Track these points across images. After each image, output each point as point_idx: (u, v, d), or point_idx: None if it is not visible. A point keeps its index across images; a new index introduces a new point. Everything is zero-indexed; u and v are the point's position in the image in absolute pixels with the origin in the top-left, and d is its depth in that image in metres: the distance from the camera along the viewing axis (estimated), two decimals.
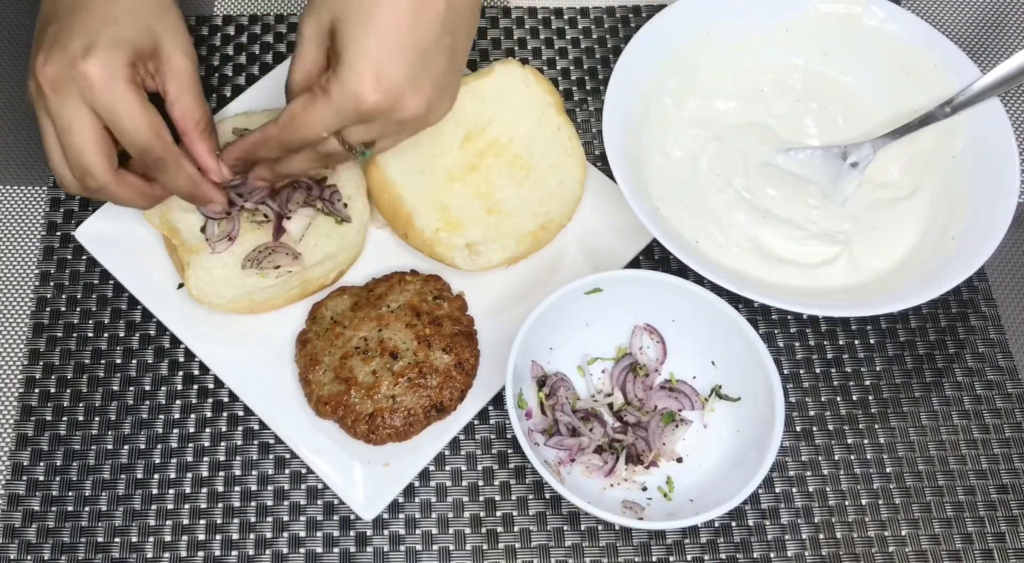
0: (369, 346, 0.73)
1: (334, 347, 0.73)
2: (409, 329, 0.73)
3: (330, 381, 0.72)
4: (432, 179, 0.79)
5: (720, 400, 0.74)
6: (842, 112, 0.86)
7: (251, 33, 0.92)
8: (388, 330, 0.73)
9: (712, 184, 0.82)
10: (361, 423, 0.70)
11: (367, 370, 0.72)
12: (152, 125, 0.66)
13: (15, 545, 0.70)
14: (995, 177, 0.78)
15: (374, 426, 0.70)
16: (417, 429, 0.71)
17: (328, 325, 0.74)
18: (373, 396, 0.71)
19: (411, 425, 0.71)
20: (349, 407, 0.71)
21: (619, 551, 0.71)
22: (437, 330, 0.73)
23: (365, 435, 0.70)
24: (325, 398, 0.71)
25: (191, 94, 0.70)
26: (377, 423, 0.70)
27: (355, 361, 0.72)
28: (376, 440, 0.71)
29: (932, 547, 0.72)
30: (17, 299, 0.79)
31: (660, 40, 0.82)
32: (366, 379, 0.71)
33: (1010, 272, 0.83)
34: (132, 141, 0.66)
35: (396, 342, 0.73)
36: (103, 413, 0.74)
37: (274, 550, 0.70)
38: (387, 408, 0.70)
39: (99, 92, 0.65)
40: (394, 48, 0.63)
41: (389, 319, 0.73)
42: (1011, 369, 0.79)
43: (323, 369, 0.72)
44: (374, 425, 0.70)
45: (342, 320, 0.74)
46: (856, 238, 0.80)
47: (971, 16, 0.96)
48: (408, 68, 0.64)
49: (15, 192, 0.83)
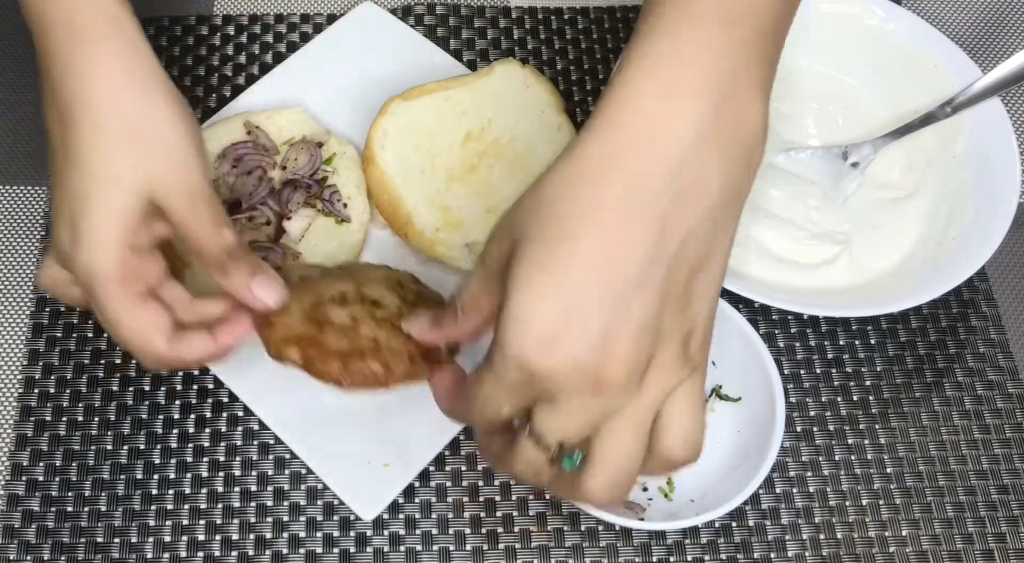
0: (347, 297, 0.62)
1: (305, 294, 0.62)
2: (391, 292, 0.63)
3: (299, 323, 0.60)
4: (432, 179, 0.79)
5: (720, 400, 0.74)
6: (842, 112, 0.86)
7: (251, 33, 0.92)
8: (368, 288, 0.63)
9: None
10: (333, 360, 0.59)
11: (344, 314, 0.60)
12: (142, 334, 0.58)
13: (14, 545, 0.69)
14: (996, 177, 0.77)
15: (348, 366, 0.59)
16: (400, 375, 0.60)
17: (296, 281, 0.64)
18: (350, 335, 0.60)
19: (393, 369, 0.59)
20: (320, 345, 0.59)
21: (619, 551, 0.71)
22: (421, 299, 0.64)
23: (336, 376, 0.59)
24: (292, 338, 0.60)
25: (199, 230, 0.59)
26: (355, 364, 0.59)
27: (330, 306, 0.61)
28: (348, 382, 0.59)
29: (933, 547, 0.72)
30: (16, 299, 0.79)
31: None
32: (343, 321, 0.60)
33: (1011, 272, 0.83)
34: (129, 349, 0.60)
35: (377, 296, 0.62)
36: (102, 413, 0.74)
37: (274, 550, 0.70)
38: (367, 348, 0.59)
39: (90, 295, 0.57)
40: (574, 297, 0.46)
41: (367, 281, 0.64)
42: (1012, 369, 0.79)
43: (290, 312, 0.61)
44: (348, 365, 0.59)
45: (312, 275, 0.65)
46: (856, 238, 0.80)
47: (972, 16, 0.96)
48: (592, 321, 0.46)
49: (15, 192, 0.83)
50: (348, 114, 0.85)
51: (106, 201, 0.56)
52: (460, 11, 0.94)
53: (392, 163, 0.78)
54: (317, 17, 0.93)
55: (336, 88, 0.86)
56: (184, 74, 0.89)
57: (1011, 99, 0.92)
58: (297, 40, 0.91)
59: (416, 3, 0.94)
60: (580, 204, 0.47)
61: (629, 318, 0.46)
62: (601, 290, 0.46)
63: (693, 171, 0.47)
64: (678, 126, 0.47)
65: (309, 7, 0.94)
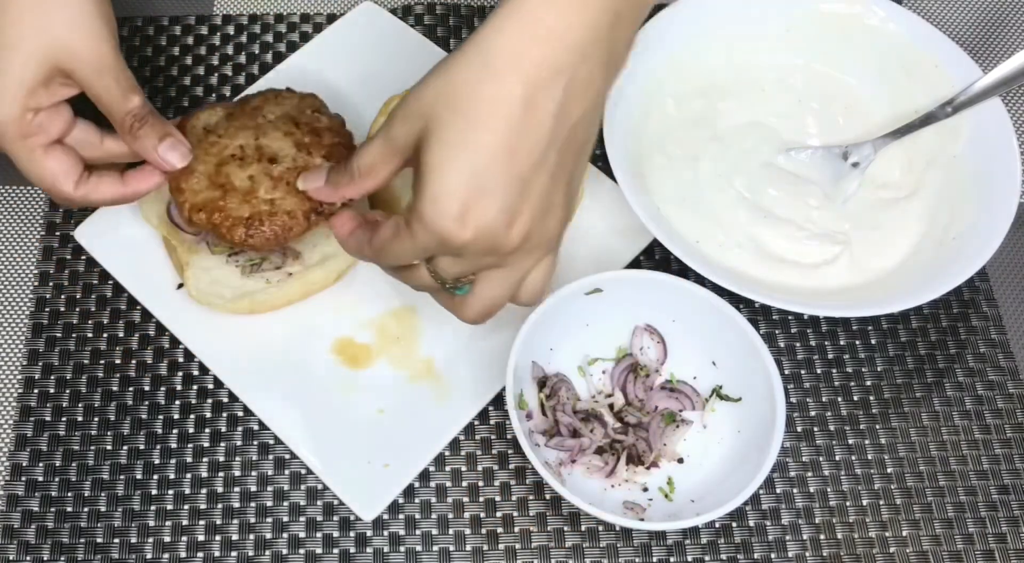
0: (246, 153, 0.70)
1: (208, 155, 0.70)
2: (287, 137, 0.71)
3: (204, 188, 0.69)
4: None
5: (721, 400, 0.74)
6: (842, 112, 0.86)
7: (251, 33, 0.92)
8: (266, 138, 0.71)
9: (713, 184, 0.82)
10: (238, 227, 0.68)
11: (243, 175, 0.69)
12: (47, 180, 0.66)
13: (14, 545, 0.69)
14: (996, 177, 0.77)
15: (251, 230, 0.68)
16: (297, 232, 0.69)
17: (200, 135, 0.71)
18: (250, 200, 0.68)
19: (290, 229, 0.68)
20: (225, 213, 0.68)
21: (619, 552, 0.71)
22: (316, 140, 0.71)
23: (242, 240, 0.68)
24: (199, 205, 0.69)
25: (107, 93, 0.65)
26: (255, 227, 0.68)
27: (231, 168, 0.69)
28: (255, 244, 0.68)
29: (933, 547, 0.72)
30: (16, 299, 0.79)
31: (660, 40, 0.82)
32: (243, 184, 0.69)
33: (1011, 272, 0.83)
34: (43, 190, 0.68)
35: (274, 149, 0.70)
36: (102, 413, 0.74)
37: (274, 551, 0.70)
38: (265, 212, 0.68)
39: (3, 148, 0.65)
40: (486, 179, 0.55)
41: (266, 128, 0.71)
42: (1012, 369, 0.79)
43: (196, 177, 0.69)
44: (252, 229, 0.68)
45: (216, 129, 0.72)
46: (857, 238, 0.80)
47: (972, 16, 0.96)
48: (501, 201, 0.55)
49: (15, 192, 0.83)
50: (348, 114, 0.85)
51: (8, 65, 0.63)
52: (460, 11, 0.94)
53: None
54: (317, 17, 0.93)
55: (336, 88, 0.86)
56: (184, 74, 0.89)
57: (1011, 99, 0.92)
58: (297, 40, 0.91)
59: (416, 3, 0.94)
60: (488, 95, 0.54)
61: (529, 196, 0.56)
62: (508, 172, 0.55)
63: (586, 69, 0.55)
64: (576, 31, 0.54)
65: (309, 7, 0.94)
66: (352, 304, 0.78)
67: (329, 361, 0.75)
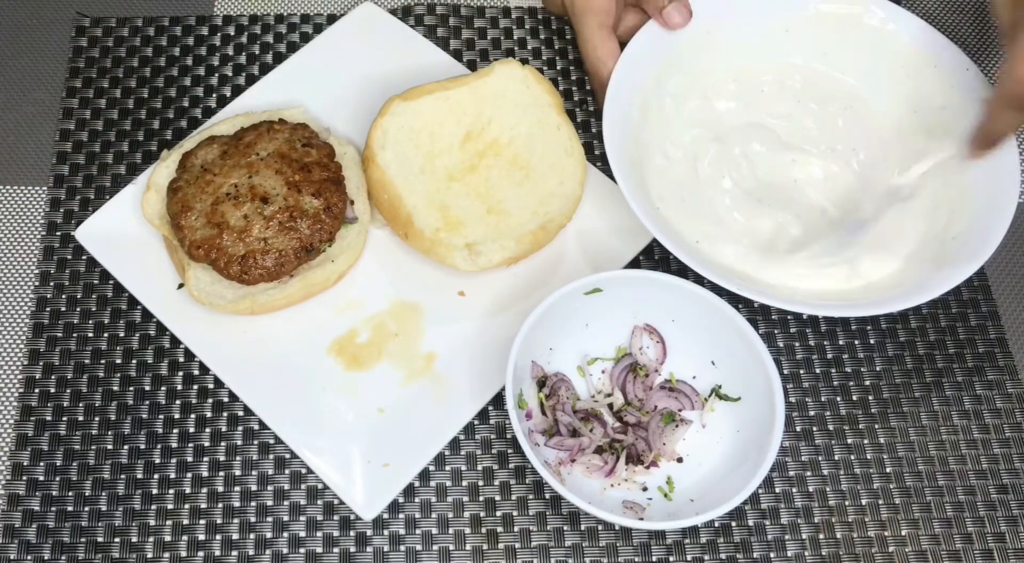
0: (240, 192, 0.75)
1: (205, 194, 0.75)
2: (279, 175, 0.76)
3: (202, 226, 0.74)
4: (432, 179, 0.79)
5: (720, 400, 0.74)
6: (842, 112, 0.86)
7: (251, 33, 0.92)
8: (258, 176, 0.76)
9: (712, 184, 0.82)
10: (234, 265, 0.73)
11: (238, 214, 0.74)
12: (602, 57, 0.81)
13: (15, 545, 0.70)
14: (995, 177, 0.77)
15: (246, 267, 0.73)
16: (288, 269, 0.74)
17: (198, 173, 0.76)
18: (245, 239, 0.74)
19: (282, 265, 0.74)
20: (222, 250, 0.73)
21: (619, 551, 0.71)
22: (306, 176, 0.76)
23: (238, 276, 0.74)
24: (198, 242, 0.74)
25: None
26: (249, 264, 0.73)
27: (226, 206, 0.75)
28: (249, 280, 0.74)
29: (932, 547, 0.72)
30: (17, 299, 0.79)
31: (660, 40, 0.82)
32: (237, 223, 0.74)
33: (1010, 272, 0.83)
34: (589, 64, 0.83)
35: (266, 188, 0.75)
36: (103, 413, 0.74)
37: (274, 550, 0.70)
38: (259, 250, 0.73)
39: None
40: None
41: (259, 166, 0.76)
42: (1011, 368, 0.79)
43: (195, 215, 0.75)
44: (246, 266, 0.73)
45: (212, 168, 0.76)
46: (856, 238, 0.80)
47: (971, 16, 0.96)
48: None
49: (15, 192, 0.83)
50: (348, 114, 0.85)
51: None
52: (460, 11, 0.94)
53: (392, 163, 0.78)
54: (317, 17, 0.93)
55: (336, 88, 0.86)
56: (184, 74, 0.89)
57: None
58: (297, 40, 0.91)
59: (416, 3, 0.94)
60: None
61: None
62: None
63: None
64: None
65: (309, 7, 0.94)
66: (352, 304, 0.78)
67: (329, 361, 0.75)
